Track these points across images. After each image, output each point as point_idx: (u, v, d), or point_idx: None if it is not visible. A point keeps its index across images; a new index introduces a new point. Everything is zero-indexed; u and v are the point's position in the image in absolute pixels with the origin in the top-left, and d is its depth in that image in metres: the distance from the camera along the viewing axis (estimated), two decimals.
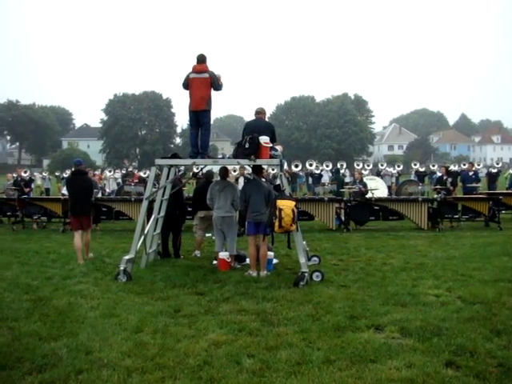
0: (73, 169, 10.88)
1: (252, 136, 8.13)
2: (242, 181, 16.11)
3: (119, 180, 28.37)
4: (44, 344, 5.24)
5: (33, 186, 22.69)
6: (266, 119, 9.52)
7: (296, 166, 29.17)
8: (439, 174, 20.08)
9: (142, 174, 26.93)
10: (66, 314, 6.30)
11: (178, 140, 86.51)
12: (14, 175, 21.44)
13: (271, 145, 8.28)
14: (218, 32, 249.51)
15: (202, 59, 9.01)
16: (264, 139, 8.12)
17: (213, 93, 9.00)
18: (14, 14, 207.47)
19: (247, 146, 8.14)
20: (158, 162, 9.15)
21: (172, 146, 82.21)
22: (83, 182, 10.17)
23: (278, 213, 7.64)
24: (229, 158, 9.54)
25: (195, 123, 9.11)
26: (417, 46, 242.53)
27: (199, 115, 9.02)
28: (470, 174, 18.61)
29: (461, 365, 4.66)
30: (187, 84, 8.99)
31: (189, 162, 9.11)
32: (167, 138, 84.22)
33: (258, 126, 8.63)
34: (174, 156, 9.43)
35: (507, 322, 5.85)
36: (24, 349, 5.09)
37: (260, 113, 8.98)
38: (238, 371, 4.57)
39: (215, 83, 8.89)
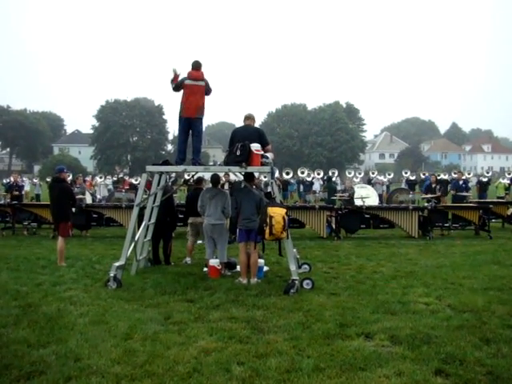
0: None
1: (243, 143, 8.14)
2: (226, 186, 16.16)
3: (110, 186, 28.29)
4: (32, 351, 5.21)
5: (23, 191, 22.65)
6: (258, 127, 9.53)
7: (287, 174, 29.20)
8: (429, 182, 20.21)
9: (133, 180, 26.85)
10: (55, 321, 6.25)
11: (169, 147, 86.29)
12: (5, 181, 21.30)
13: (262, 152, 8.29)
14: (211, 39, 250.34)
15: (197, 66, 9.00)
16: (255, 147, 8.13)
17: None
18: (5, 19, 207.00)
19: (238, 153, 8.14)
20: (149, 168, 9.13)
21: (163, 152, 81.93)
22: (58, 190, 10.31)
23: (268, 220, 7.65)
24: (220, 165, 9.53)
25: (186, 130, 9.11)
26: (409, 56, 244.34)
27: (192, 123, 9.02)
28: (460, 182, 18.72)
29: (450, 373, 4.68)
30: (180, 87, 8.96)
31: (180, 168, 9.09)
32: (159, 145, 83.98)
33: (247, 133, 8.62)
34: (165, 163, 9.42)
35: (496, 330, 5.88)
36: (12, 356, 5.05)
37: (249, 118, 8.95)
38: (227, 379, 4.56)
39: (207, 90, 8.93)
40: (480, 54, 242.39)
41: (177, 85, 9.01)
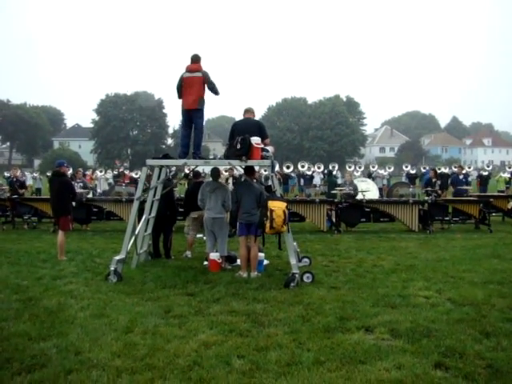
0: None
1: (243, 137, 8.13)
2: (231, 181, 16.13)
3: (110, 180, 28.31)
4: (33, 344, 5.22)
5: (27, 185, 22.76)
6: (258, 120, 9.52)
7: (288, 168, 29.22)
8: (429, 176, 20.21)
9: (133, 174, 26.86)
10: (55, 315, 6.27)
11: (169, 141, 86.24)
12: (6, 174, 21.31)
13: (262, 145, 8.29)
14: (211, 33, 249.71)
15: (195, 59, 9.03)
16: (255, 140, 8.12)
17: (206, 92, 9.00)
18: (4, 14, 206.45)
19: (239, 146, 8.13)
20: (149, 162, 9.13)
21: (163, 146, 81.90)
22: (58, 184, 10.31)
23: (269, 214, 7.65)
24: (220, 158, 9.53)
25: (187, 123, 9.12)
26: (409, 49, 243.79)
27: (192, 114, 9.02)
28: (460, 176, 18.72)
29: (450, 366, 4.69)
30: (181, 85, 8.99)
31: (180, 162, 9.09)
32: (159, 139, 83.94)
33: (248, 125, 8.62)
34: (166, 156, 9.42)
35: (496, 323, 5.89)
36: (13, 349, 5.07)
37: (248, 111, 8.96)
38: (227, 372, 4.57)
39: (210, 84, 8.89)
40: (481, 47, 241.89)
41: (178, 84, 9.03)
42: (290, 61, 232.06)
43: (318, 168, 29.61)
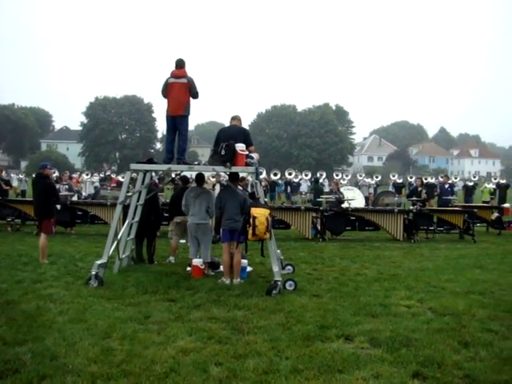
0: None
1: (228, 143, 8.10)
2: (218, 188, 16.07)
3: (96, 184, 28.15)
4: (8, 349, 5.14)
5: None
6: (247, 127, 9.51)
7: (275, 175, 29.24)
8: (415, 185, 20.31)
9: (120, 178, 26.73)
10: (33, 319, 6.19)
11: (158, 145, 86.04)
12: None
13: (247, 152, 8.26)
14: (202, 39, 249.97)
15: (180, 64, 8.95)
16: (240, 147, 8.10)
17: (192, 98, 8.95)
18: None
19: (223, 152, 8.09)
20: (134, 166, 9.07)
21: (152, 150, 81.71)
22: (41, 186, 10.24)
23: (251, 221, 7.63)
24: (204, 164, 9.49)
25: (172, 129, 9.04)
26: (399, 59, 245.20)
27: (177, 120, 8.95)
28: (446, 186, 18.85)
29: (428, 376, 4.69)
30: (166, 90, 8.92)
31: (164, 167, 9.04)
32: (147, 143, 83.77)
33: (232, 132, 8.59)
34: (150, 161, 9.36)
35: (475, 333, 5.91)
36: None
37: (235, 119, 8.96)
38: (204, 379, 4.54)
39: (193, 90, 8.83)
40: (469, 59, 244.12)
41: (163, 88, 8.95)
42: (281, 68, 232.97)
43: (306, 175, 29.71)
